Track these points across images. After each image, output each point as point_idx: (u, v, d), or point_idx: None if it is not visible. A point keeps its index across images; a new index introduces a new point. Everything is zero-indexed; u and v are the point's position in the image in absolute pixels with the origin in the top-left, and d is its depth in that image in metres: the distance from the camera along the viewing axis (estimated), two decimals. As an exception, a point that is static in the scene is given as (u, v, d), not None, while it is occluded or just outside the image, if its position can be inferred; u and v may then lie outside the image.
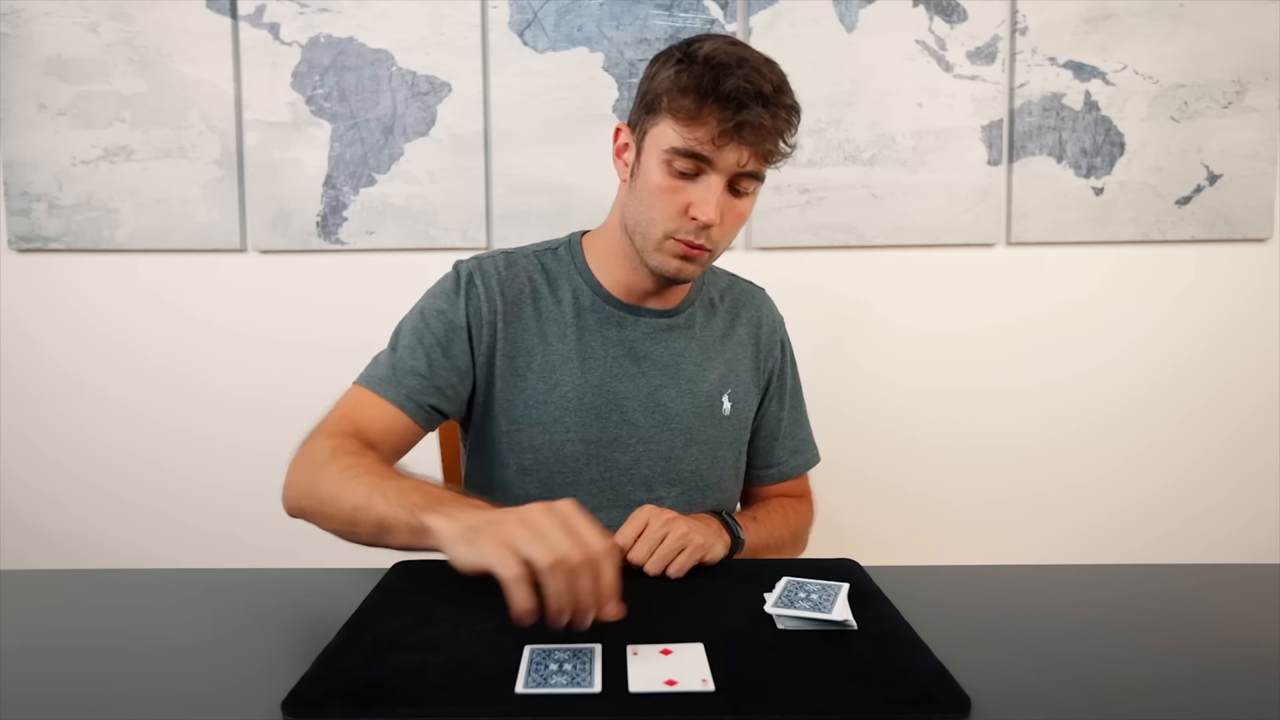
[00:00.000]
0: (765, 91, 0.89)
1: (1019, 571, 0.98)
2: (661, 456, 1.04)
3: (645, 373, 1.04)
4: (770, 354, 1.14)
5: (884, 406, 1.76)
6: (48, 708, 0.62)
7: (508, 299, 1.03)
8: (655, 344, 1.05)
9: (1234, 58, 1.67)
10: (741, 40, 0.99)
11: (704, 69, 0.90)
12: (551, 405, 1.02)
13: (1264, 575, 0.90)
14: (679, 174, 0.93)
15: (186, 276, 1.75)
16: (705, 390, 1.06)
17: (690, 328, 1.08)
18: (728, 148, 0.90)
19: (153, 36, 1.69)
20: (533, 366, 1.03)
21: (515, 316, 1.03)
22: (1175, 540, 1.77)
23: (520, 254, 1.08)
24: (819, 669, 0.65)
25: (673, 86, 0.91)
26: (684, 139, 0.91)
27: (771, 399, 1.15)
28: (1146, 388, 1.76)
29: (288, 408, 1.76)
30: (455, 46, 1.68)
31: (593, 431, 1.02)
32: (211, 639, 0.74)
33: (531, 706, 0.59)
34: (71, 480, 1.78)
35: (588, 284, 1.05)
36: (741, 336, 1.12)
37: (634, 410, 1.03)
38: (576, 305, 1.05)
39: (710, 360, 1.08)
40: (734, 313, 1.12)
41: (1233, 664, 0.69)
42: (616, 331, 1.04)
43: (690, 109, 0.90)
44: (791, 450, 1.17)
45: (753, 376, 1.12)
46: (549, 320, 1.04)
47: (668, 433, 1.04)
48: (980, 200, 1.70)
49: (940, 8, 1.67)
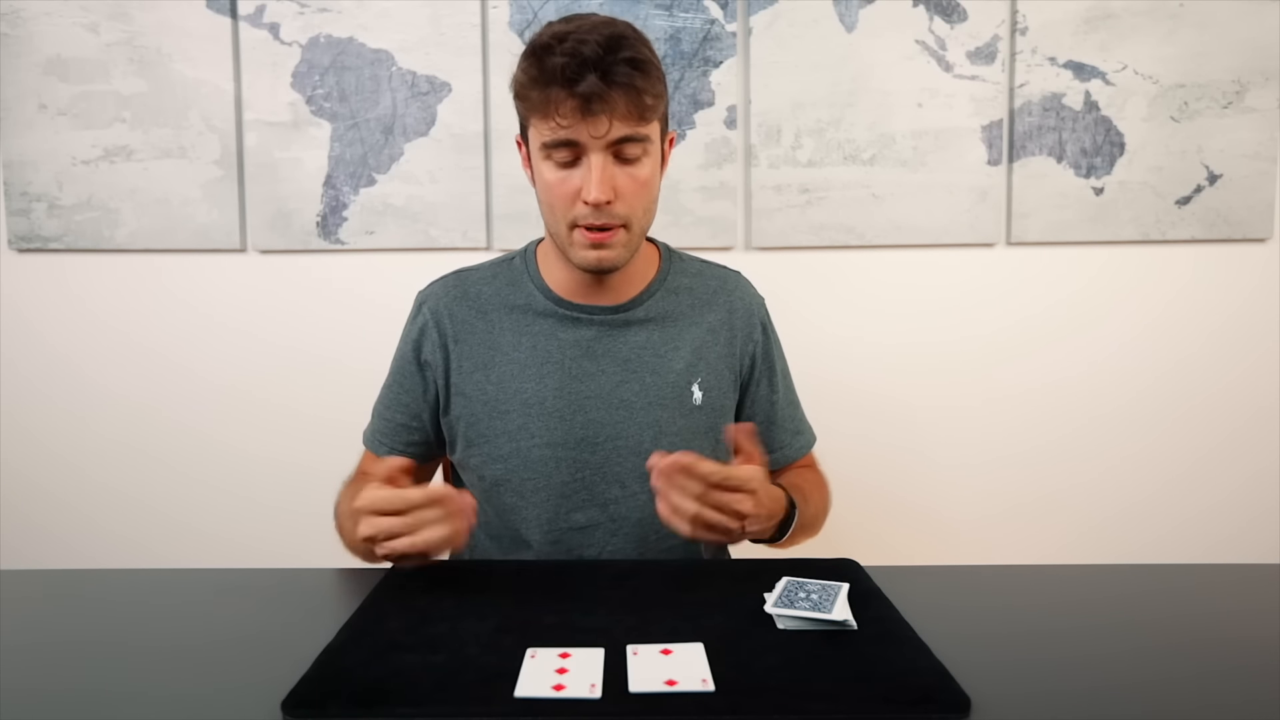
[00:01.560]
0: (593, 57, 0.87)
1: (1019, 571, 0.98)
2: (631, 452, 1.03)
3: (604, 370, 1.04)
4: (749, 337, 1.11)
5: (883, 407, 1.76)
6: (48, 708, 0.62)
7: (456, 320, 1.06)
8: (612, 340, 1.04)
9: (1234, 58, 1.67)
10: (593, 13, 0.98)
11: (532, 58, 0.91)
12: (514, 413, 1.02)
13: (1264, 575, 0.90)
14: (561, 164, 0.93)
15: (187, 276, 1.75)
16: (671, 381, 1.04)
17: (649, 320, 1.06)
18: (583, 124, 0.90)
19: (153, 36, 1.69)
20: (490, 379, 1.03)
21: (466, 334, 1.05)
22: (1175, 540, 1.77)
23: (475, 272, 1.11)
24: (819, 669, 0.65)
25: (520, 84, 0.92)
26: (545, 130, 0.91)
27: (759, 382, 1.12)
28: (1146, 387, 1.76)
29: (288, 407, 1.77)
30: (455, 46, 1.68)
31: (558, 434, 1.02)
32: (211, 639, 0.74)
33: (531, 707, 0.59)
34: (71, 480, 1.78)
35: (539, 289, 1.06)
36: (712, 323, 1.08)
37: (597, 409, 1.03)
38: (532, 310, 1.05)
39: (674, 350, 1.06)
40: (702, 299, 1.10)
41: (1233, 664, 0.69)
42: (572, 332, 1.04)
43: (537, 100, 0.90)
44: (792, 432, 1.15)
45: (727, 362, 1.08)
46: (502, 331, 1.05)
47: (634, 427, 1.03)
48: (980, 200, 1.70)
49: (940, 8, 1.67)
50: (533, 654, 0.66)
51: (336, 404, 1.73)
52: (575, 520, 1.03)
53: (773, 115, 1.68)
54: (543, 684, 0.62)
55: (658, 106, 0.94)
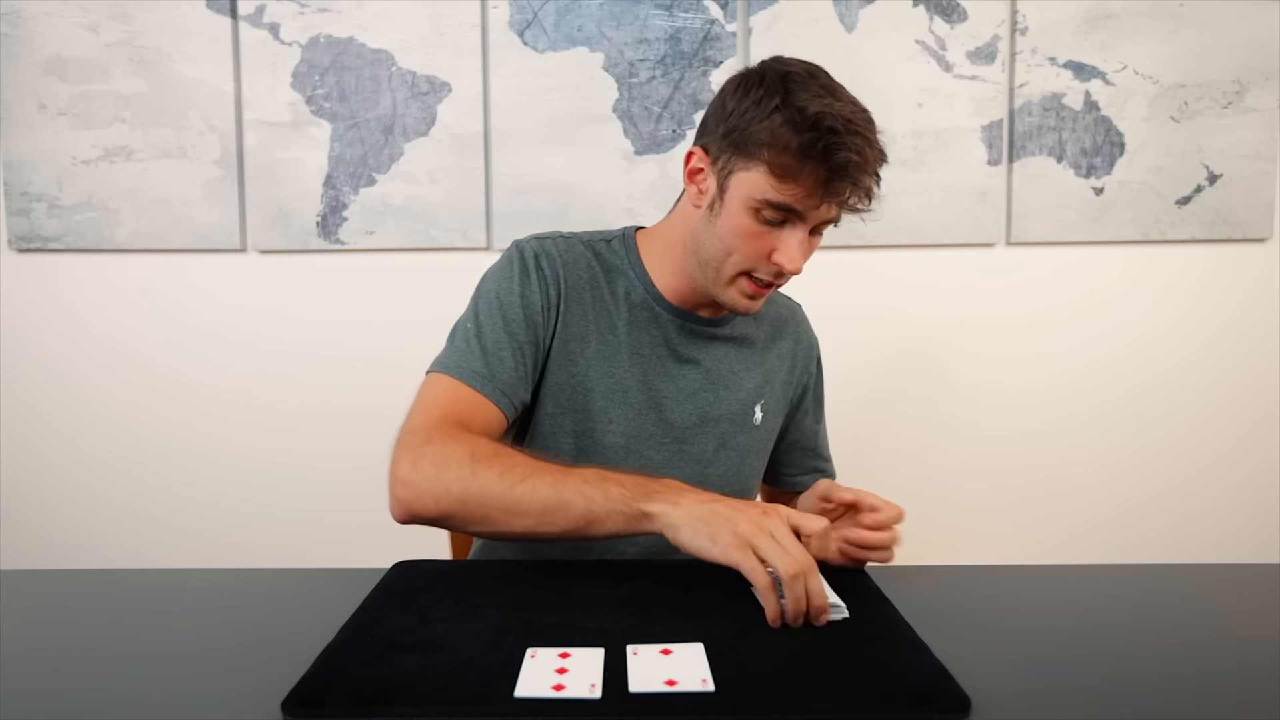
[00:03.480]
0: (871, 158, 0.88)
1: (1019, 571, 0.98)
2: (694, 459, 1.05)
3: (687, 375, 1.05)
4: (806, 369, 1.17)
5: (882, 407, 1.76)
6: (48, 708, 0.62)
7: (569, 282, 1.02)
8: (699, 349, 1.06)
9: (1234, 58, 1.67)
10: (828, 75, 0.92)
11: (813, 133, 0.86)
12: (598, 394, 1.02)
13: (1264, 575, 0.90)
14: (766, 222, 0.92)
15: (186, 276, 1.75)
16: (741, 399, 1.08)
17: (734, 338, 1.09)
18: (818, 209, 0.90)
19: (153, 36, 1.69)
20: (585, 353, 1.02)
21: (576, 300, 1.02)
22: (1176, 539, 1.77)
23: (577, 239, 1.07)
24: (819, 669, 0.65)
25: (774, 141, 0.88)
26: (780, 194, 0.89)
27: (806, 412, 1.18)
28: (1146, 387, 1.76)
29: (288, 408, 1.77)
30: (455, 46, 1.68)
31: (633, 426, 1.02)
32: (211, 639, 0.74)
33: (531, 707, 0.59)
34: (71, 481, 1.78)
35: (640, 281, 1.05)
36: (782, 351, 1.14)
37: (673, 410, 1.04)
38: (629, 300, 1.05)
39: (749, 370, 1.09)
40: (777, 327, 1.14)
41: (1233, 664, 0.69)
42: (664, 332, 1.05)
43: (792, 168, 0.87)
44: (826, 459, 1.22)
45: (784, 390, 1.14)
46: (603, 309, 1.04)
47: (702, 436, 1.05)
48: (980, 200, 1.70)
49: (940, 8, 1.67)
50: (533, 654, 0.66)
51: (337, 404, 1.73)
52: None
53: (773, 115, 1.68)
54: (543, 684, 0.61)
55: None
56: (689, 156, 0.99)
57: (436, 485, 0.85)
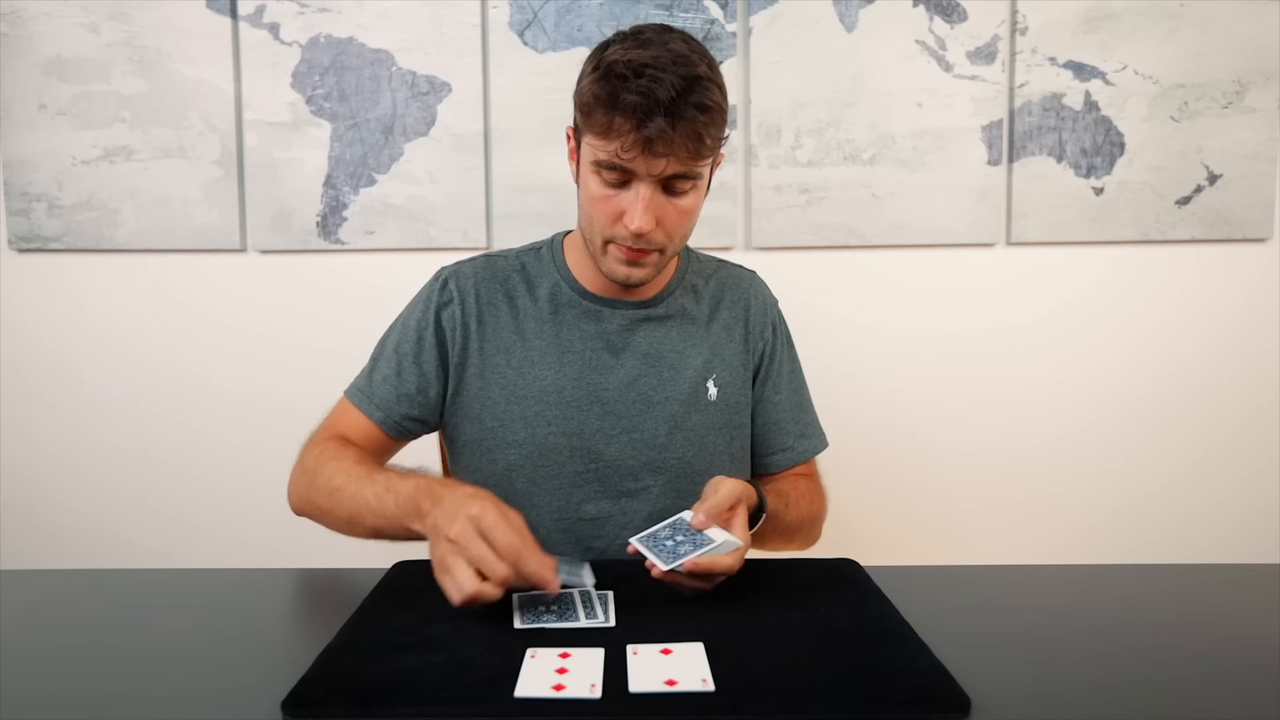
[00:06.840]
0: (666, 99, 0.85)
1: (1019, 571, 0.98)
2: (646, 445, 1.04)
3: (624, 364, 1.05)
4: (761, 335, 1.12)
5: (882, 407, 1.76)
6: (47, 708, 0.62)
7: (483, 300, 1.06)
8: (633, 335, 1.06)
9: (1234, 58, 1.67)
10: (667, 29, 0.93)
11: (604, 81, 0.88)
12: (531, 400, 1.03)
13: (1264, 575, 0.90)
14: (609, 184, 0.93)
15: (187, 276, 1.74)
16: (688, 377, 1.06)
17: (670, 316, 1.08)
18: (640, 160, 0.89)
19: (153, 36, 1.69)
20: (510, 363, 1.05)
21: (491, 316, 1.06)
22: (1175, 540, 1.77)
23: (502, 256, 1.11)
24: (819, 669, 0.65)
25: (587, 98, 0.90)
26: (604, 151, 0.90)
27: (765, 382, 1.13)
28: (1146, 387, 1.76)
29: (287, 407, 1.76)
30: (455, 46, 1.68)
31: (574, 424, 1.03)
32: (211, 639, 0.74)
33: (531, 707, 0.59)
34: (71, 480, 1.78)
35: (565, 280, 1.07)
36: (727, 320, 1.11)
37: (615, 401, 1.04)
38: (554, 301, 1.07)
39: (693, 347, 1.08)
40: (719, 297, 1.12)
41: (1233, 664, 0.69)
42: (594, 325, 1.06)
43: (602, 123, 0.89)
44: (797, 435, 1.14)
45: (741, 360, 1.11)
46: (526, 317, 1.06)
47: (650, 421, 1.05)
48: (980, 200, 1.70)
49: (940, 8, 1.67)
50: (533, 654, 0.66)
51: (336, 404, 1.73)
52: (586, 511, 1.04)
53: (773, 115, 1.68)
54: (543, 684, 0.62)
55: (716, 146, 0.94)
56: (567, 136, 1.02)
57: (298, 489, 1.00)
